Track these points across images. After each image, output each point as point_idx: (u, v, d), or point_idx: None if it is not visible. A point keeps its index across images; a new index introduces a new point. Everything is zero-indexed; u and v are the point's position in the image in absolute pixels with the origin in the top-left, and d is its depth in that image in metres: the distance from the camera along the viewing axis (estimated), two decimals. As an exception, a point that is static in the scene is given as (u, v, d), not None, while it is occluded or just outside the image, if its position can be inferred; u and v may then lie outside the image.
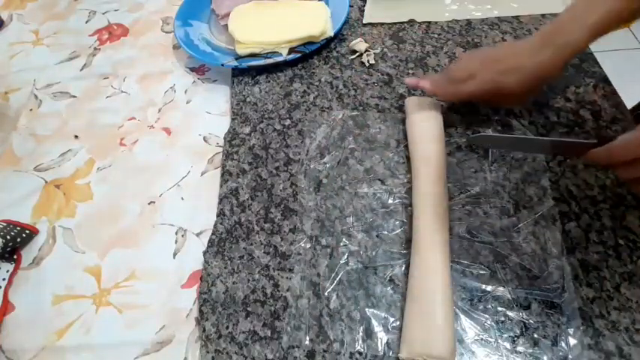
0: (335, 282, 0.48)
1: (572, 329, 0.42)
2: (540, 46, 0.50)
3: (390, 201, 0.53)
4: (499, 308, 0.44)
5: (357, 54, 0.68)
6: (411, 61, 0.66)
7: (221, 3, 0.76)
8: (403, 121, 0.58)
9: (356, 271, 0.48)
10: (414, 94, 0.61)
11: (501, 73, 0.51)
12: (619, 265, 0.45)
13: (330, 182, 0.55)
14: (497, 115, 0.57)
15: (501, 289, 0.45)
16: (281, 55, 0.68)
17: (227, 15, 0.74)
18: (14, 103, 0.73)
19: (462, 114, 0.58)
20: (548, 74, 0.50)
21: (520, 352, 0.42)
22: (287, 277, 0.49)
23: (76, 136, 0.67)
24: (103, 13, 0.85)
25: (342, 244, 0.50)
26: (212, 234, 0.53)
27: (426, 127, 0.54)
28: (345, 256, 0.49)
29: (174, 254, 0.53)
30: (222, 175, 0.58)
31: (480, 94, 0.53)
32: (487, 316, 0.44)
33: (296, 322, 0.46)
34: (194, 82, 0.71)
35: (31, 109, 0.71)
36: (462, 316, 0.44)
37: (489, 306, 0.45)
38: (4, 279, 0.53)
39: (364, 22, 0.73)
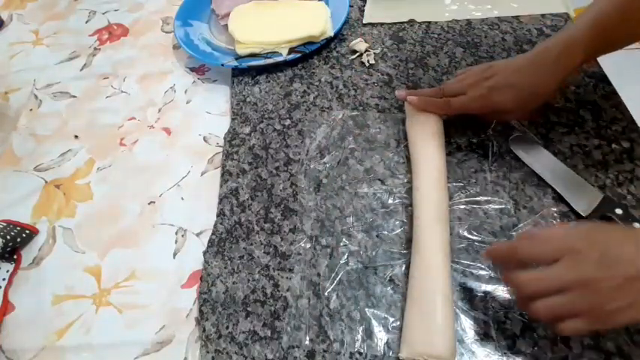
0: (335, 282, 0.48)
1: (572, 329, 0.42)
2: (533, 66, 0.50)
3: (390, 201, 0.53)
4: (499, 308, 0.44)
5: (357, 54, 0.68)
6: (411, 61, 0.66)
7: (221, 3, 0.76)
8: (403, 121, 0.58)
9: (356, 271, 0.48)
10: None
11: (491, 89, 0.51)
12: (619, 265, 0.45)
13: (330, 182, 0.55)
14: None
15: (501, 289, 0.45)
16: (281, 55, 0.68)
17: (227, 15, 0.74)
18: (14, 103, 0.73)
19: (463, 114, 0.58)
20: (540, 94, 0.51)
21: (520, 352, 0.42)
22: (287, 277, 0.49)
23: (76, 136, 0.67)
24: (103, 13, 0.85)
25: (342, 244, 0.50)
26: (212, 234, 0.53)
27: (426, 127, 0.54)
28: (345, 256, 0.49)
29: (174, 254, 0.53)
30: (222, 175, 0.58)
31: (471, 109, 0.54)
32: (487, 316, 0.44)
33: (296, 322, 0.46)
34: (194, 82, 0.71)
35: (31, 109, 0.71)
36: (462, 316, 0.44)
37: (489, 306, 0.45)
38: (4, 279, 0.53)
39: (364, 22, 0.73)
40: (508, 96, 0.51)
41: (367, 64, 0.67)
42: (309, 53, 0.68)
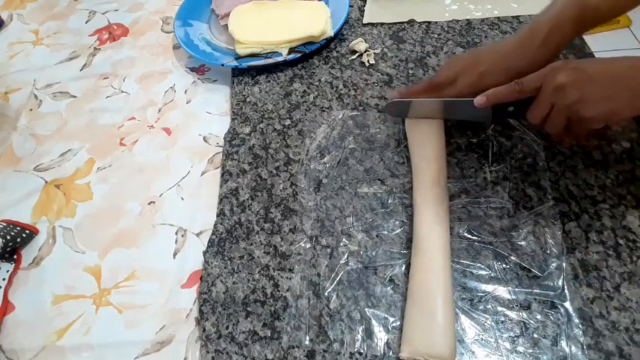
0: (335, 282, 0.48)
1: (572, 329, 0.42)
2: (521, 47, 0.49)
3: (390, 201, 0.53)
4: (499, 308, 0.44)
5: (357, 54, 0.68)
6: (411, 61, 0.66)
7: (221, 3, 0.76)
8: (403, 121, 0.58)
9: (356, 271, 0.48)
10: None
11: (482, 76, 0.51)
12: (619, 265, 0.45)
13: (330, 182, 0.55)
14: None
15: (501, 289, 0.45)
16: (281, 55, 0.68)
17: (227, 15, 0.74)
18: (14, 103, 0.73)
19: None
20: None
21: (520, 352, 0.42)
22: (287, 277, 0.49)
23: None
24: (103, 13, 0.85)
25: (342, 244, 0.50)
26: (212, 234, 0.53)
27: (426, 127, 0.54)
28: (345, 256, 0.49)
29: (174, 254, 0.53)
30: (222, 175, 0.58)
31: (464, 97, 0.53)
32: (487, 316, 0.44)
33: (296, 322, 0.46)
34: (194, 82, 0.71)
35: (31, 109, 0.71)
36: (462, 316, 0.44)
37: (489, 306, 0.45)
38: (4, 279, 0.53)
39: (364, 22, 0.73)
40: (496, 80, 0.49)
41: (367, 64, 0.67)
42: (309, 53, 0.68)
